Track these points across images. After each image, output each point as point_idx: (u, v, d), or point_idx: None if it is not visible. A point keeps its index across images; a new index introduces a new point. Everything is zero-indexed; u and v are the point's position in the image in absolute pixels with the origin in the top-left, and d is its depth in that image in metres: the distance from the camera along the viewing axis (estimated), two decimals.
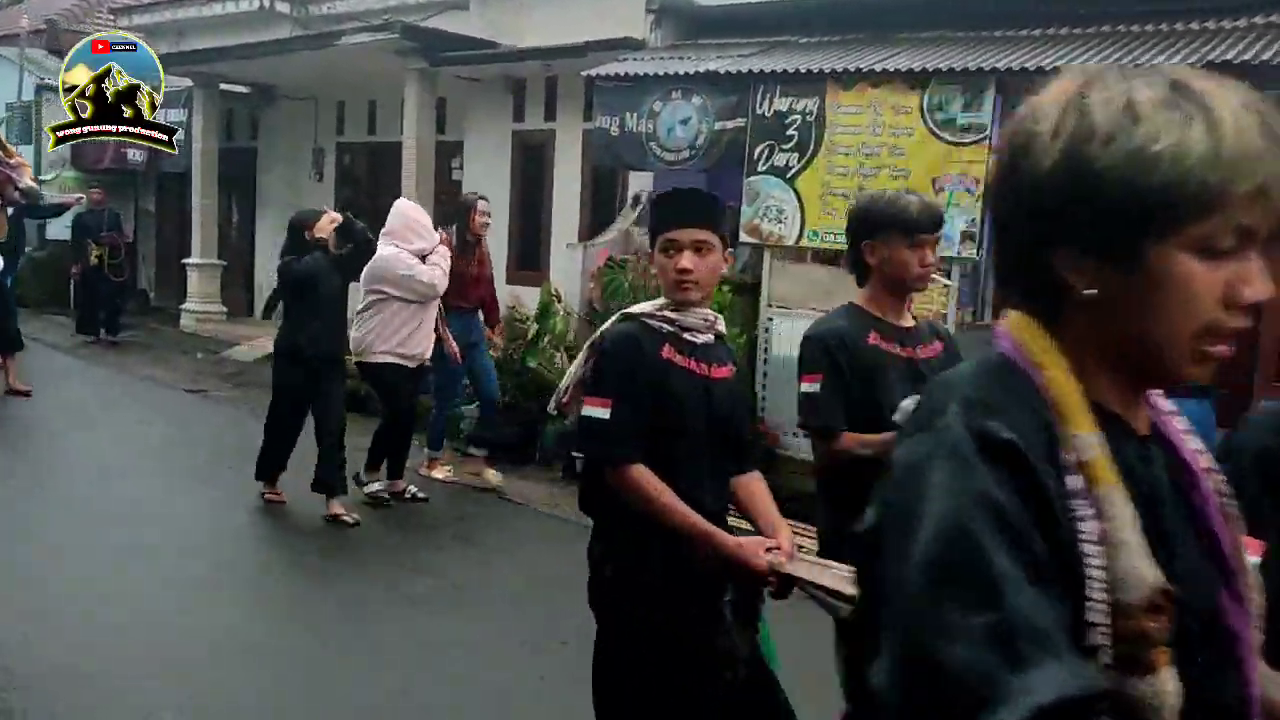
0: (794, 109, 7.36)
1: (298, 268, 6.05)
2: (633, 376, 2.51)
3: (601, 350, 2.58)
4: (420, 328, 6.44)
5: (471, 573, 5.55)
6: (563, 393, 2.75)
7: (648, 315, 2.59)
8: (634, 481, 2.45)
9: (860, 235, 2.87)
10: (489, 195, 11.23)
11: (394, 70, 10.87)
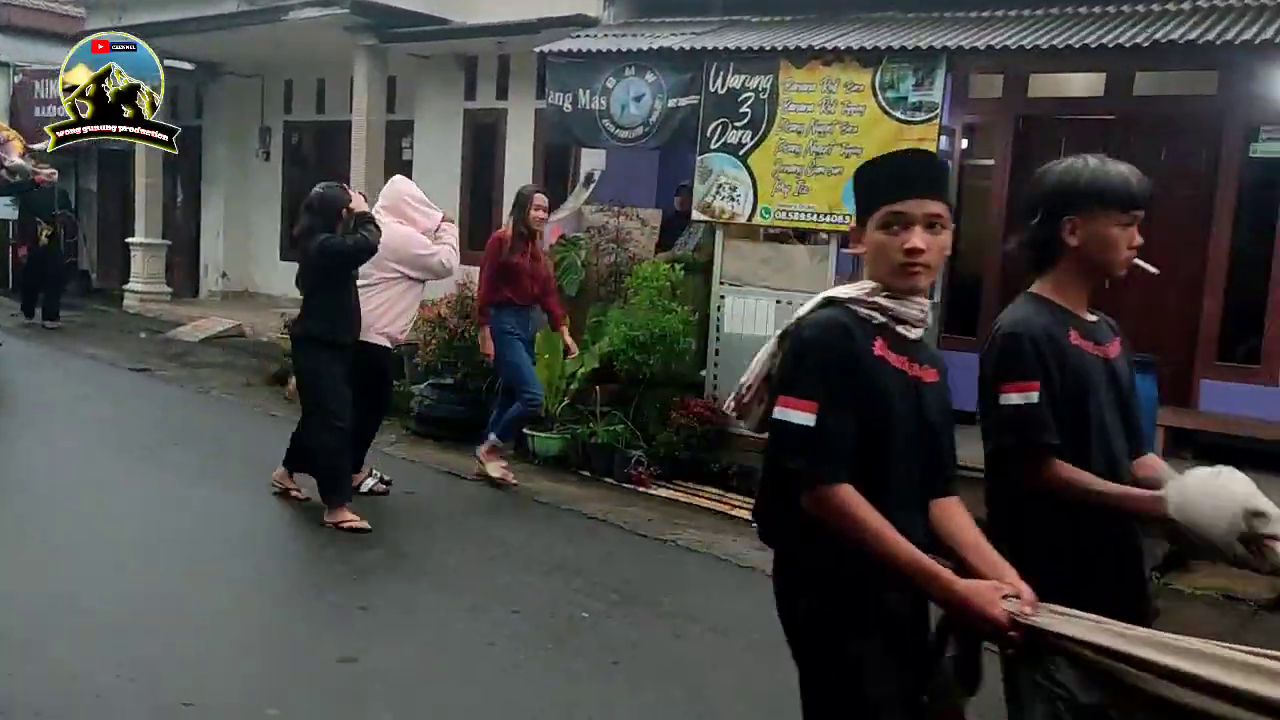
0: (747, 86, 7.36)
1: (352, 244, 5.56)
2: (843, 374, 2.03)
3: (802, 339, 2.09)
4: (410, 308, 6.25)
5: (421, 542, 5.50)
6: (743, 390, 2.26)
7: (856, 301, 2.10)
8: (842, 506, 1.98)
9: (1059, 209, 2.34)
10: (440, 174, 11.25)
11: (343, 47, 10.72)
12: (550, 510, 6.34)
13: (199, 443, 7.44)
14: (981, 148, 8.52)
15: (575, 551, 5.58)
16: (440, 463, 7.22)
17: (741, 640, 4.47)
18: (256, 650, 4.10)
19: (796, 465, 2.01)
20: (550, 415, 7.44)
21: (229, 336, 11.64)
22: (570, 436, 7.33)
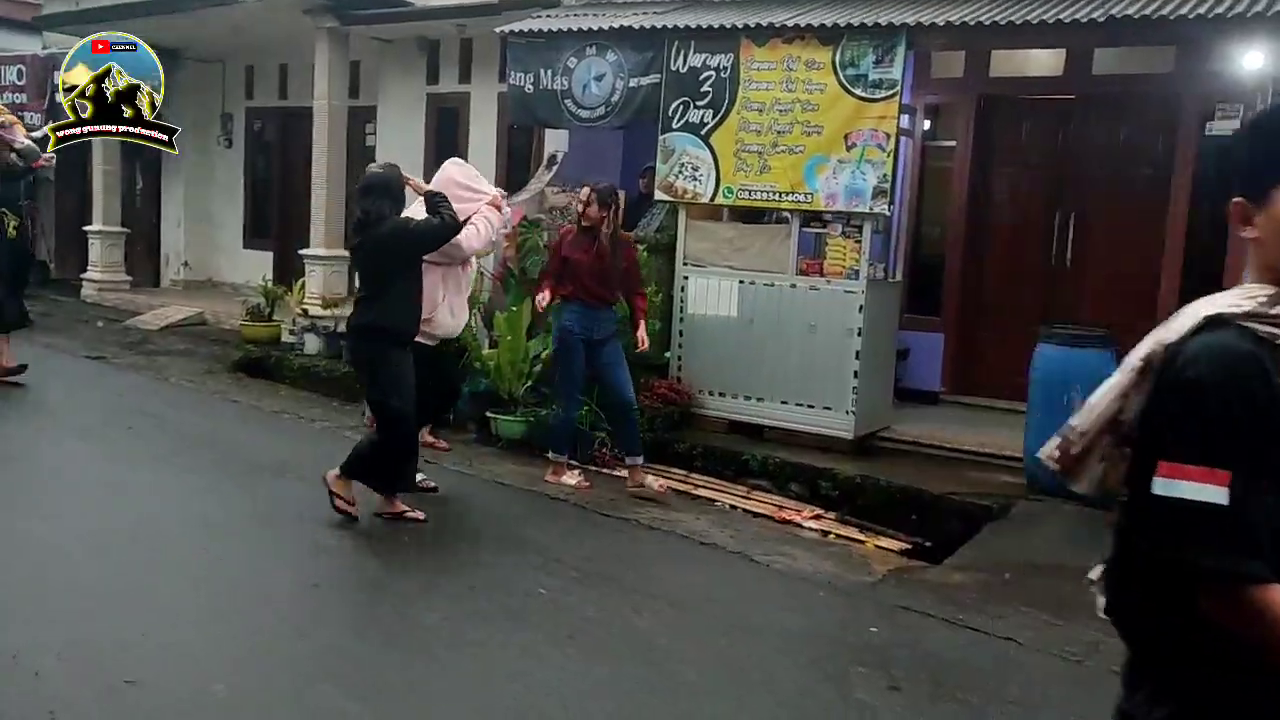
0: (708, 65, 7.32)
1: (438, 224, 5.17)
2: (1260, 428, 1.43)
3: (1192, 379, 1.46)
4: (433, 295, 5.62)
5: (374, 522, 5.43)
6: (1072, 438, 1.62)
7: (1255, 317, 1.49)
8: (1267, 609, 1.41)
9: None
10: (403, 160, 11.10)
11: (304, 31, 10.59)
12: (513, 491, 6.29)
13: (152, 427, 7.32)
14: (943, 128, 8.53)
15: (536, 531, 5.53)
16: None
17: (700, 615, 4.45)
18: (205, 631, 4.03)
19: (1208, 562, 1.43)
20: (513, 398, 7.38)
21: (190, 324, 11.50)
22: (534, 419, 7.27)
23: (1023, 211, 8.20)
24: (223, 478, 6.07)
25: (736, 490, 6.62)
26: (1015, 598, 4.85)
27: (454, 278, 5.86)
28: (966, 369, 8.18)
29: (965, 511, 6.10)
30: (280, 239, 13.05)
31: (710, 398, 7.44)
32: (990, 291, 8.22)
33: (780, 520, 6.10)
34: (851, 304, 6.92)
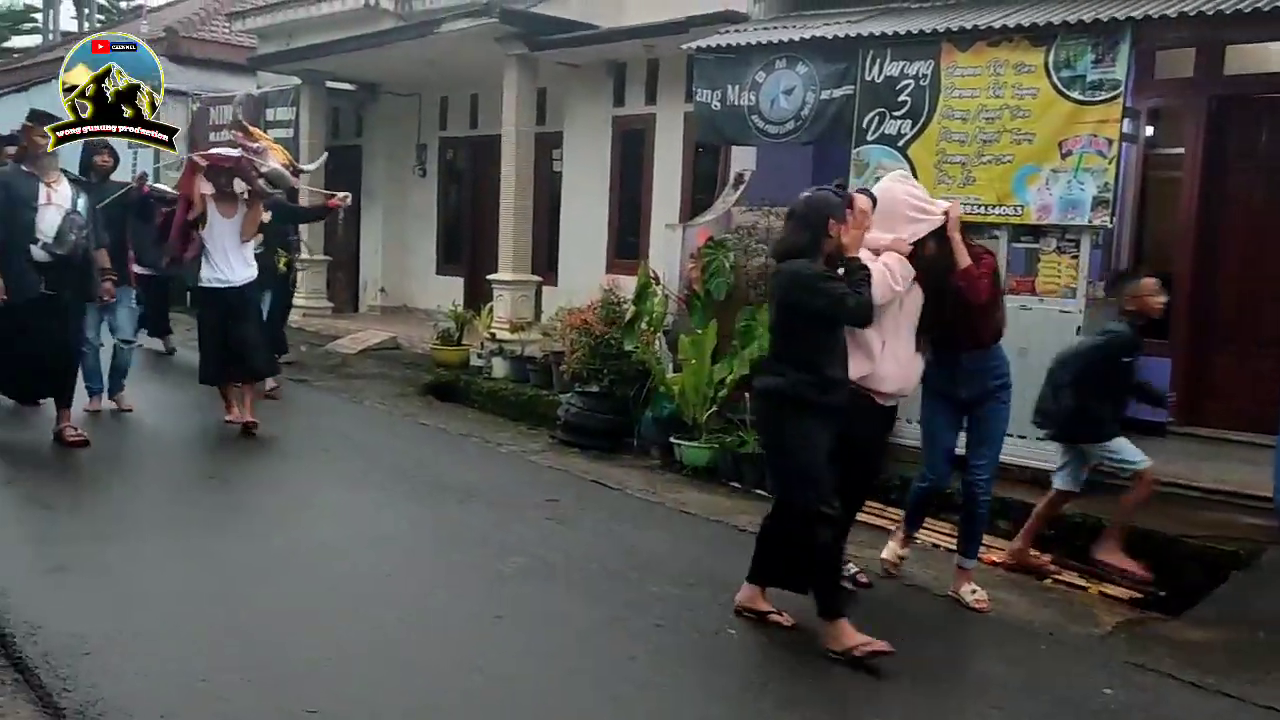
0: (906, 73, 6.91)
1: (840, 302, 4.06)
2: None
3: None
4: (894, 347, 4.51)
5: (563, 551, 5.26)
6: None
7: None
8: None
9: None
10: (589, 183, 11.17)
11: (494, 59, 10.75)
12: (698, 521, 6.03)
13: (346, 449, 7.44)
14: (1168, 134, 7.79)
15: (724, 565, 5.22)
16: (585, 472, 7.01)
17: (901, 666, 4.04)
18: (384, 659, 3.92)
19: None
20: (698, 424, 7.13)
21: (385, 348, 11.81)
22: (719, 446, 7.01)
23: (1262, 223, 7.36)
24: (409, 501, 6.06)
25: (939, 527, 6.14)
26: (1274, 660, 4.23)
27: (890, 316, 4.46)
28: (1198, 397, 7.39)
29: (1204, 557, 5.42)
30: (471, 265, 13.31)
31: (909, 425, 6.94)
32: (1225, 311, 7.42)
33: (989, 562, 5.59)
34: (1068, 325, 6.33)
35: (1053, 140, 6.33)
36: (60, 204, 6.53)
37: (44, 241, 6.44)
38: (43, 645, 3.82)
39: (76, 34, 32.00)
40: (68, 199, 6.57)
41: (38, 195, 6.49)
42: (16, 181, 6.54)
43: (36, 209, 6.45)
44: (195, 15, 19.39)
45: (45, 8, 38.12)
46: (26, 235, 6.42)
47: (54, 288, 6.51)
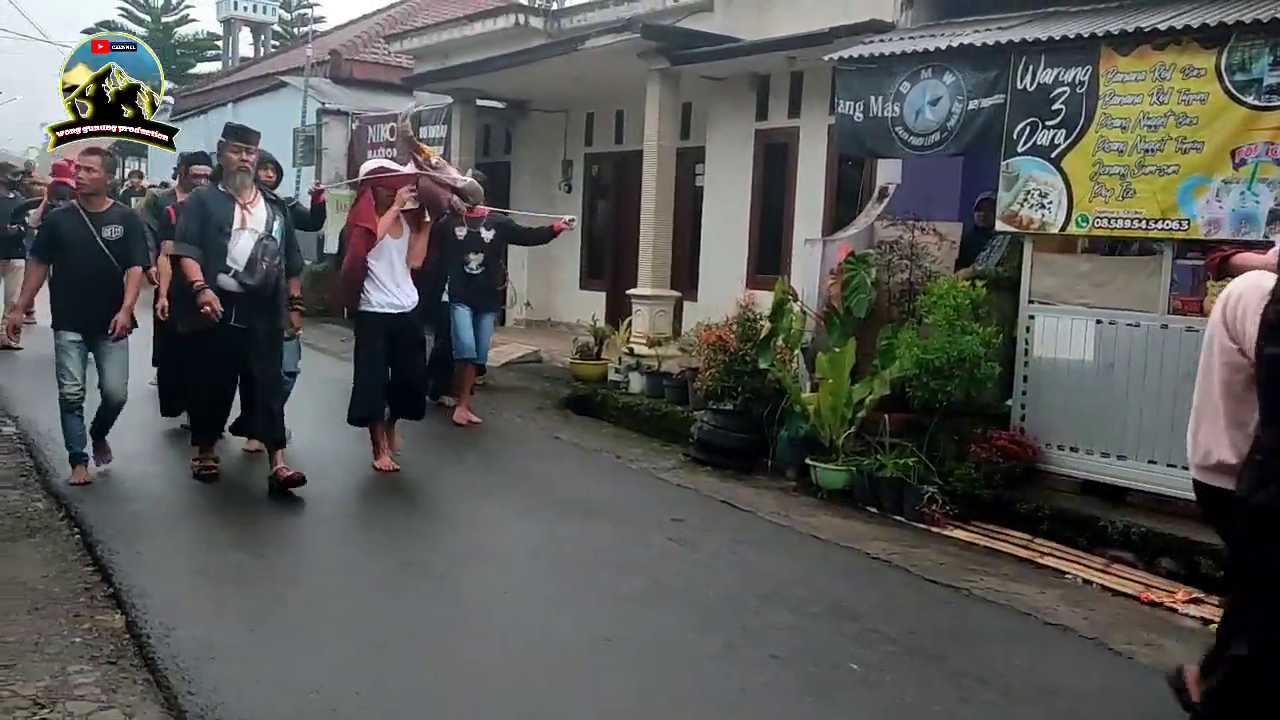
0: (1061, 80, 6.54)
1: None
2: None
3: None
4: None
5: (683, 574, 5.14)
6: None
7: None
8: None
9: None
10: (730, 197, 11.04)
11: (637, 74, 10.75)
12: (829, 548, 5.81)
13: (479, 462, 7.49)
14: None
15: (852, 594, 5.02)
16: (715, 491, 6.86)
17: (1040, 711, 3.76)
18: (493, 678, 3.88)
19: None
20: (835, 445, 6.90)
21: (527, 362, 11.93)
22: (856, 469, 6.76)
23: None
24: (532, 517, 6.04)
25: (1091, 562, 5.75)
26: None
27: None
28: None
29: None
30: (613, 279, 13.35)
31: (1059, 453, 6.58)
32: None
33: (1147, 602, 5.19)
34: None
35: (1224, 149, 5.87)
36: (255, 228, 6.07)
37: (235, 270, 5.99)
38: (173, 648, 3.94)
39: (253, 59, 33.90)
40: (263, 223, 6.11)
41: (232, 219, 6.06)
42: (212, 203, 6.12)
43: (229, 234, 6.02)
44: (358, 38, 20.23)
45: (225, 35, 40.49)
46: (218, 262, 5.97)
47: (244, 320, 6.02)
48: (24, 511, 5.62)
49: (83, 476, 6.05)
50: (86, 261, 5.95)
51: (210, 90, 28.36)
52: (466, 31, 15.07)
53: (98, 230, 5.98)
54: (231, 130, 6.38)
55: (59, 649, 3.94)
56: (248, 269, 5.98)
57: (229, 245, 6.01)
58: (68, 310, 6.04)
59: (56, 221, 6.18)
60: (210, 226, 6.02)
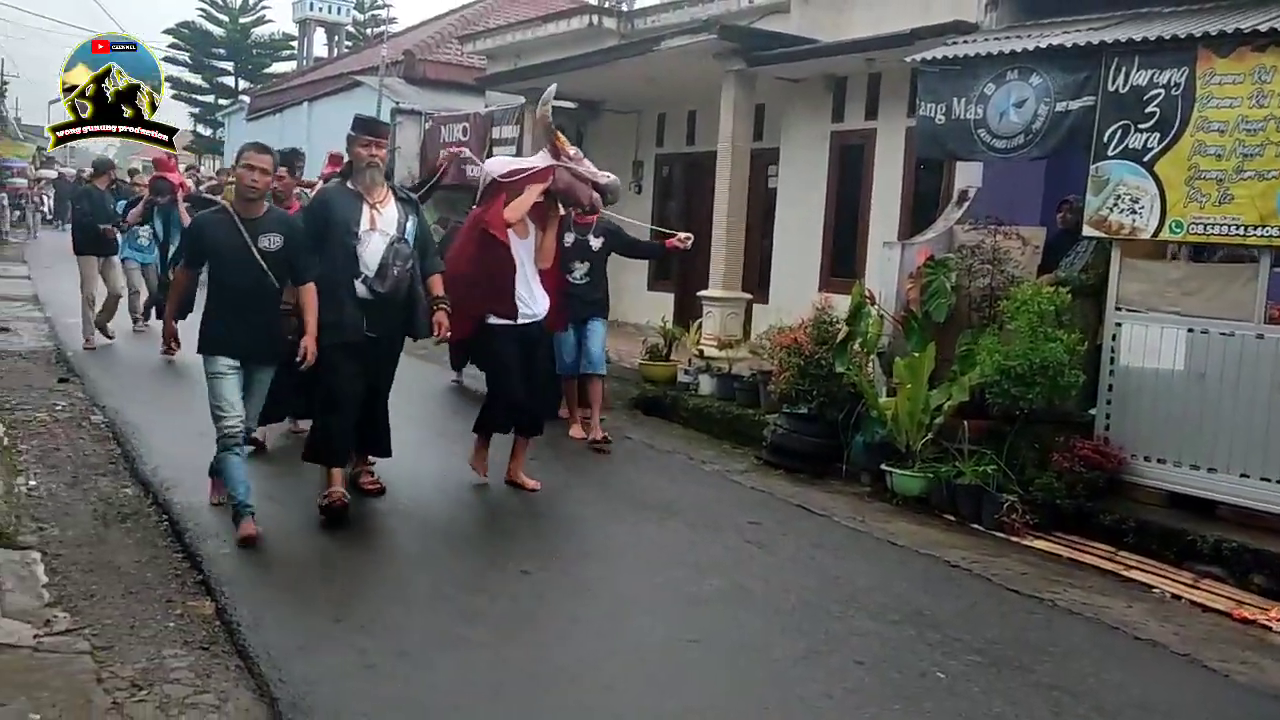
0: (1155, 82, 6.38)
1: None
2: None
3: None
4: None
5: (762, 577, 5.10)
6: None
7: None
8: None
9: None
10: (804, 199, 10.96)
11: (712, 75, 10.73)
12: (906, 554, 5.73)
13: (551, 460, 7.50)
14: None
15: (933, 602, 4.94)
16: (790, 495, 6.81)
17: None
18: (574, 678, 3.88)
19: None
20: (912, 451, 6.81)
21: None
22: (933, 475, 6.66)
23: None
24: (609, 517, 6.05)
25: (1179, 576, 5.60)
26: None
27: None
28: None
29: None
30: (682, 281, 13.33)
31: (1145, 464, 6.42)
32: None
33: (1239, 619, 5.04)
34: None
35: None
36: (385, 229, 5.52)
37: (365, 276, 5.46)
38: (263, 636, 4.00)
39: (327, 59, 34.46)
40: (394, 223, 5.56)
41: (360, 219, 5.49)
42: (339, 202, 5.56)
43: (358, 236, 5.46)
44: (431, 39, 20.45)
45: (300, 35, 41.21)
46: (349, 267, 5.44)
47: (375, 328, 5.54)
48: (114, 498, 5.76)
49: (251, 531, 5.02)
50: (240, 275, 5.11)
51: (285, 89, 28.88)
52: (539, 32, 15.18)
53: (253, 239, 5.12)
54: (360, 123, 5.75)
55: (154, 632, 4.02)
56: (379, 275, 5.44)
57: (358, 249, 5.45)
58: (220, 332, 5.16)
59: (203, 226, 5.34)
60: (336, 228, 5.45)
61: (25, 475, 6.04)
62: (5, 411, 7.54)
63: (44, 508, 5.49)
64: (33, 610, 4.08)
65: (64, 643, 3.82)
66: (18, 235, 26.98)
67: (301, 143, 25.59)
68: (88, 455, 6.62)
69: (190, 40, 41.43)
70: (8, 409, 7.65)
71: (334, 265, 5.42)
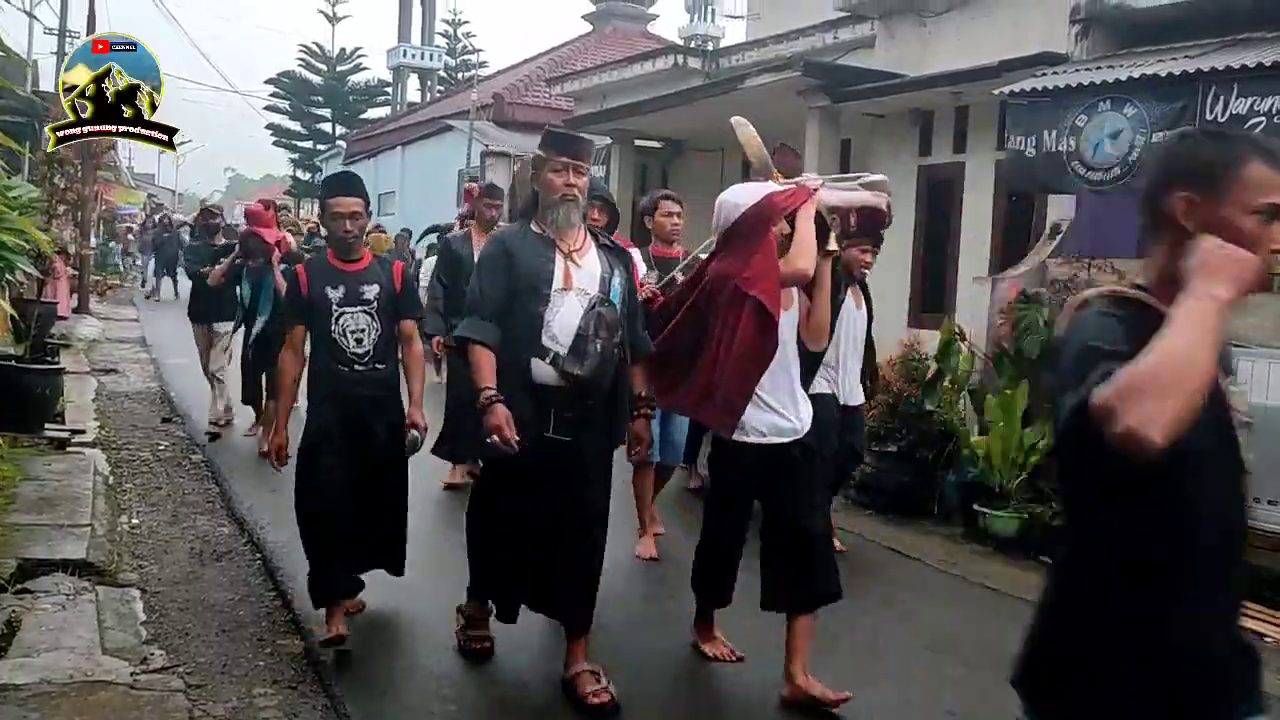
0: (1256, 110, 6.18)
1: None
2: None
3: None
4: None
5: (848, 620, 4.99)
6: None
7: None
8: None
9: None
10: (891, 234, 10.76)
11: (797, 112, 10.70)
12: (1000, 598, 5.56)
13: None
14: None
15: None
16: (878, 535, 6.68)
17: None
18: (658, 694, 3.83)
19: None
20: (1006, 491, 6.63)
21: None
22: (1028, 516, 6.48)
23: None
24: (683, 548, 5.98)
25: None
26: None
27: None
28: None
29: None
30: None
31: (1273, 509, 6.14)
32: None
33: None
34: None
35: None
36: (584, 288, 3.88)
37: (554, 353, 3.79)
38: (349, 676, 4.05)
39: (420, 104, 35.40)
40: (595, 280, 3.91)
41: (551, 274, 3.86)
42: (523, 249, 3.90)
43: (548, 297, 3.83)
44: (520, 82, 20.86)
45: (395, 82, 42.41)
46: (529, 340, 3.81)
47: (567, 429, 3.83)
48: (211, 536, 5.92)
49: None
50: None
51: (379, 134, 29.68)
52: (625, 74, 15.37)
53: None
54: (553, 139, 4.05)
55: (245, 671, 4.10)
56: (574, 351, 3.78)
57: (546, 314, 3.82)
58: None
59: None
60: (519, 285, 3.85)
61: (128, 513, 6.26)
62: (112, 450, 7.83)
63: (144, 545, 5.67)
64: (131, 648, 4.19)
65: (159, 680, 3.91)
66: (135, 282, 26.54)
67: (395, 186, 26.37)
68: (187, 494, 6.84)
69: (290, 89, 42.99)
70: (114, 448, 7.95)
71: (512, 338, 3.83)
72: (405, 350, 4.58)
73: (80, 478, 6.51)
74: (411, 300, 4.66)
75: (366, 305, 4.39)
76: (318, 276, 4.43)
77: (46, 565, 4.92)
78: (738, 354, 3.82)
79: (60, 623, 4.34)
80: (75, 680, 3.77)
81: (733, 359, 3.82)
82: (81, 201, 15.56)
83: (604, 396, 3.92)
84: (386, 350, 4.45)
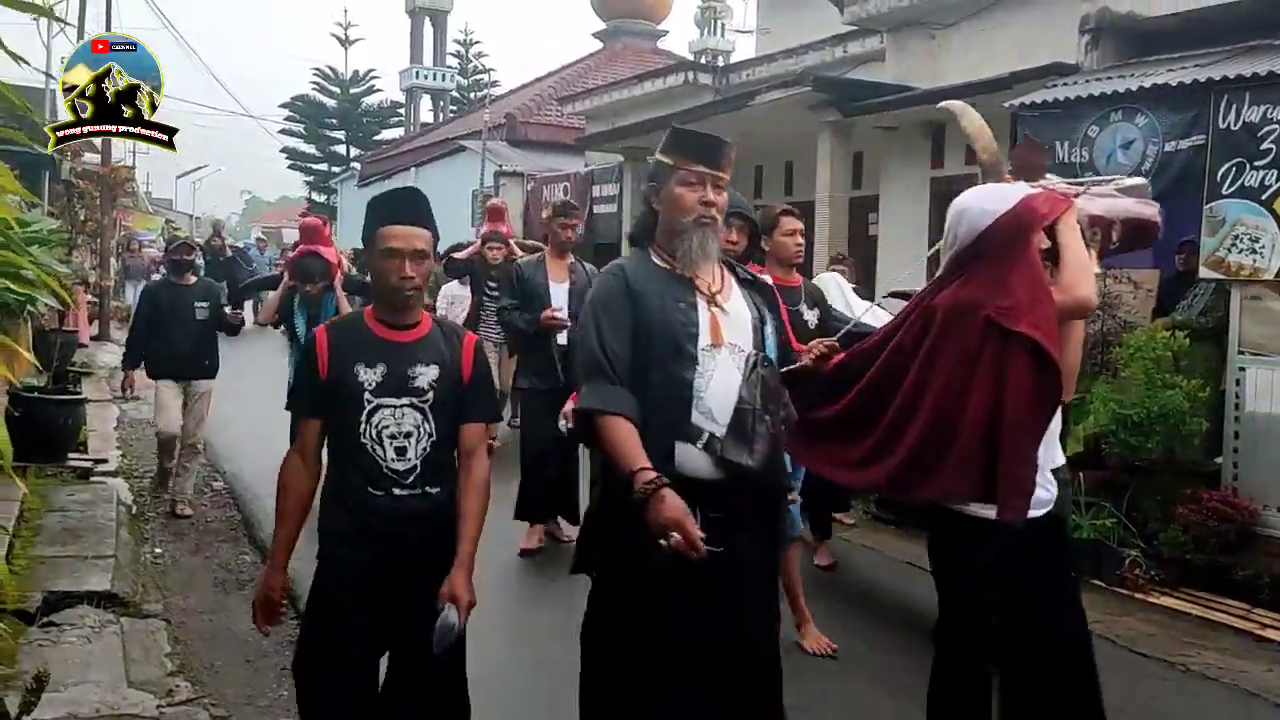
0: (1269, 118, 6.15)
1: None
2: None
3: None
4: None
5: (869, 641, 4.98)
6: None
7: None
8: None
9: None
10: (906, 247, 10.82)
11: (808, 127, 10.75)
12: None
13: None
14: None
15: None
16: (899, 552, 6.65)
17: None
18: None
19: None
20: None
21: None
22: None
23: None
24: None
25: None
26: None
27: None
28: None
29: None
30: None
31: (1277, 515, 6.10)
32: None
33: None
34: None
35: None
36: (736, 342, 2.81)
37: (709, 434, 2.70)
38: None
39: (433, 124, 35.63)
40: (746, 328, 2.86)
41: (696, 324, 2.77)
42: (649, 289, 2.80)
43: (696, 356, 2.74)
44: (531, 101, 20.99)
45: (408, 103, 42.69)
46: (673, 416, 2.71)
47: (721, 535, 2.62)
48: (234, 564, 5.96)
49: None
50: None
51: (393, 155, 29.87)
52: (636, 91, 15.45)
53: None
54: (685, 140, 2.95)
55: (269, 702, 4.13)
56: (736, 432, 2.71)
57: (696, 380, 2.74)
58: None
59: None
60: (652, 340, 2.75)
61: (151, 543, 6.30)
62: (134, 479, 7.89)
63: (168, 575, 5.71)
64: (156, 680, 4.22)
65: (185, 713, 3.94)
66: None
67: None
68: (210, 521, 6.88)
69: (304, 112, 43.36)
70: (136, 476, 8.00)
71: (652, 420, 2.69)
72: (464, 468, 2.93)
73: (103, 507, 6.56)
74: (485, 394, 3.05)
75: (418, 396, 2.86)
76: (347, 346, 2.88)
77: (72, 597, 4.96)
78: (1012, 410, 2.85)
79: (86, 656, 4.37)
80: (102, 714, 3.80)
81: (1006, 419, 2.85)
82: (100, 230, 15.72)
83: (770, 493, 2.85)
84: (442, 466, 2.91)
